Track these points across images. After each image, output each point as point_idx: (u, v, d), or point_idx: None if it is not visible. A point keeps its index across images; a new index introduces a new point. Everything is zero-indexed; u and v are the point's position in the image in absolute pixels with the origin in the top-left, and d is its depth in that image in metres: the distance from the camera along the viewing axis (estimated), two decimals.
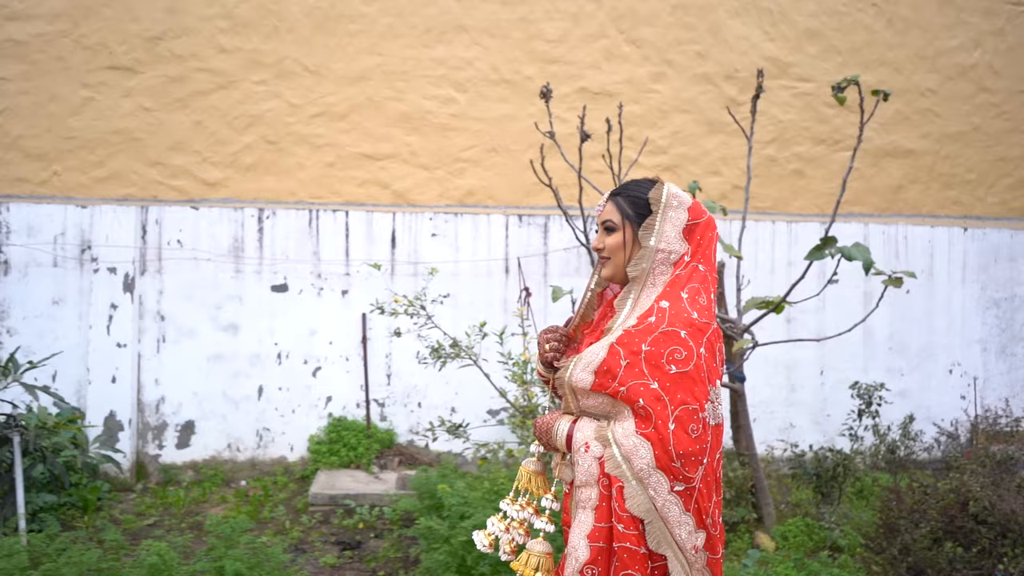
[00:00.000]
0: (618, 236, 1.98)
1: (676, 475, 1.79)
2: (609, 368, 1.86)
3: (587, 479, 1.88)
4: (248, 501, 5.70)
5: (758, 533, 5.04)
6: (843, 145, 7.29)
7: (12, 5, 6.34)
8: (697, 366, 1.84)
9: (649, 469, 1.79)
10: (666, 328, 1.86)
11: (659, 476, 1.79)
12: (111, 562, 3.54)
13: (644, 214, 1.97)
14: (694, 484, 1.81)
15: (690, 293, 1.92)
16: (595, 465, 1.87)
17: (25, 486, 4.49)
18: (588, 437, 1.90)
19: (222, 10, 6.55)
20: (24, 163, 6.36)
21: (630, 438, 1.82)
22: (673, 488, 1.80)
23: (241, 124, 6.58)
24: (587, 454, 1.88)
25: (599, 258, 2.05)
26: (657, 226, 1.94)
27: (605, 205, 2.03)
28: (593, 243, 2.06)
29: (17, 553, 3.58)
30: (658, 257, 1.93)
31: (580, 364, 1.91)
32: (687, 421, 1.80)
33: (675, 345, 1.84)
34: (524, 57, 6.90)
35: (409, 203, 6.74)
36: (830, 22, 7.26)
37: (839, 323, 6.96)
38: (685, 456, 1.79)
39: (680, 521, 1.81)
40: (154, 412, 6.35)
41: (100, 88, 6.45)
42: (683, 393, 1.81)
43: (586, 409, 1.94)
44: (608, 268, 2.01)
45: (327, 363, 6.53)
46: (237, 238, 6.48)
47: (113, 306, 6.27)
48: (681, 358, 1.83)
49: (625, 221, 1.98)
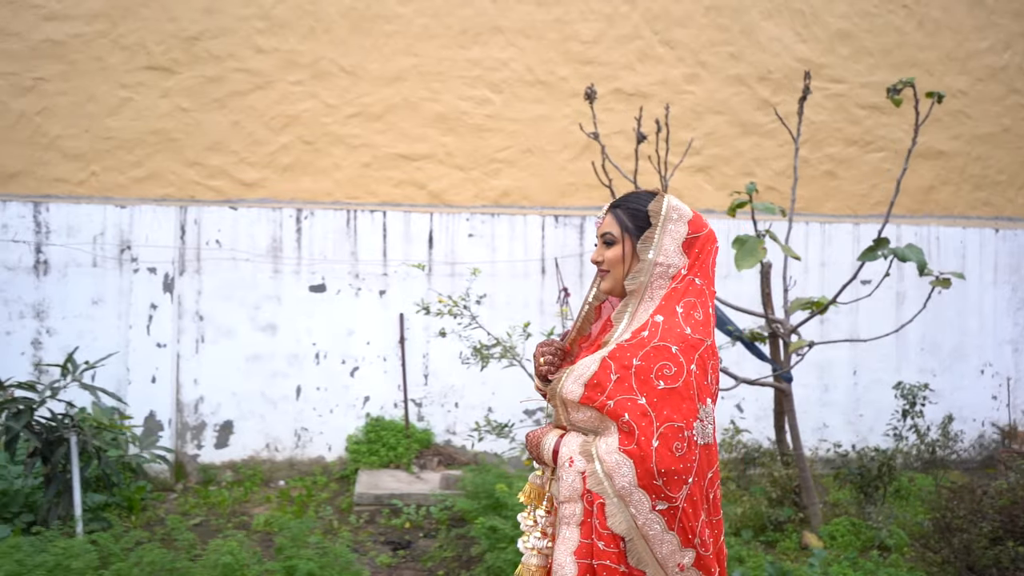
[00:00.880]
0: (617, 249, 1.96)
1: (658, 493, 1.76)
2: (599, 382, 1.84)
3: (571, 494, 1.86)
4: (292, 501, 5.71)
5: (805, 532, 5.07)
6: (874, 146, 7.32)
7: (50, 5, 6.35)
8: (687, 383, 1.80)
9: (631, 487, 1.76)
10: (658, 343, 1.83)
11: (640, 495, 1.76)
12: (184, 561, 3.54)
13: (643, 227, 1.95)
14: (677, 504, 1.77)
15: (685, 307, 1.90)
16: (579, 480, 1.85)
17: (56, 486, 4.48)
18: (573, 452, 1.88)
19: (259, 10, 6.56)
20: (62, 163, 6.37)
21: (612, 455, 1.79)
22: (655, 507, 1.77)
23: (278, 124, 6.59)
24: (571, 468, 1.86)
25: (598, 271, 2.04)
26: (656, 239, 1.92)
27: (604, 217, 2.01)
28: (592, 256, 2.05)
29: (87, 553, 3.59)
30: (656, 271, 1.91)
31: (572, 376, 1.90)
32: (671, 439, 1.77)
33: (665, 360, 1.81)
34: (559, 58, 6.92)
35: (445, 203, 6.76)
36: (862, 24, 7.29)
37: (871, 323, 6.99)
38: (668, 474, 1.75)
39: (662, 539, 1.78)
40: (193, 412, 6.36)
41: (138, 88, 6.46)
42: (669, 410, 1.78)
43: (575, 423, 1.92)
44: (607, 281, 2.00)
45: (365, 363, 6.54)
46: (275, 238, 6.49)
47: (153, 306, 6.28)
48: (671, 374, 1.80)
49: (624, 234, 1.96)
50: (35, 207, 6.25)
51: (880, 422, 7.12)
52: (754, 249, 4.21)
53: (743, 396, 6.91)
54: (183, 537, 3.85)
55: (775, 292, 5.79)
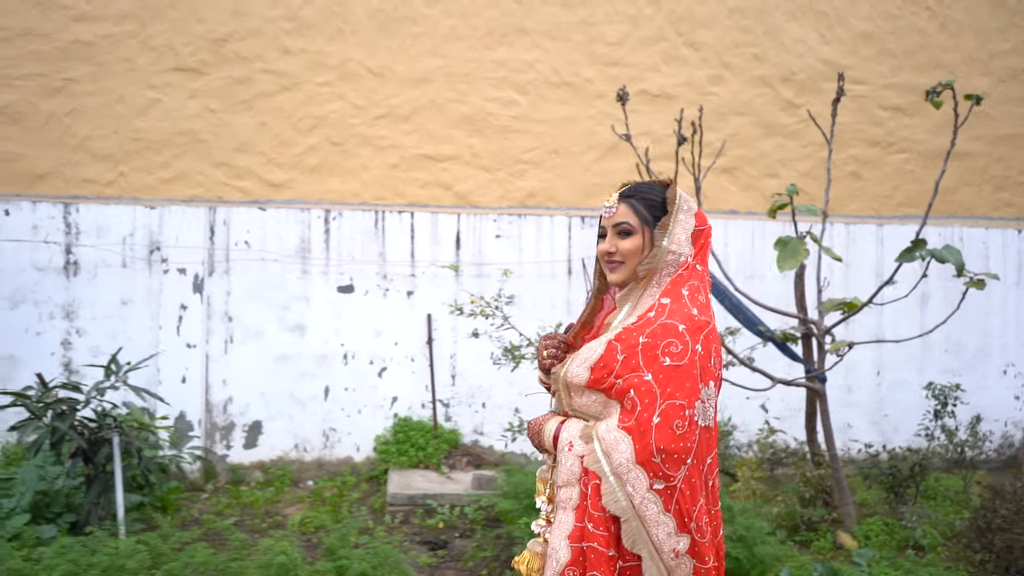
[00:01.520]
0: (636, 239, 1.95)
1: (656, 471, 1.75)
2: (606, 364, 1.85)
3: (569, 478, 1.87)
4: (324, 502, 5.72)
5: (839, 532, 5.09)
6: (897, 148, 7.35)
7: (79, 6, 6.36)
8: (691, 362, 1.80)
9: (628, 464, 1.75)
10: (664, 321, 1.84)
11: (638, 472, 1.75)
12: (237, 561, 3.56)
13: (658, 217, 1.96)
14: (675, 483, 1.76)
15: (690, 290, 1.92)
16: (577, 464, 1.85)
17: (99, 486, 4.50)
18: (573, 436, 1.89)
19: (287, 12, 6.57)
20: (91, 164, 6.38)
21: (611, 432, 1.79)
22: (652, 486, 1.75)
23: (305, 125, 6.61)
24: (570, 453, 1.87)
25: (606, 263, 2.01)
26: (670, 227, 1.93)
27: (618, 208, 1.98)
28: (602, 247, 2.00)
29: (138, 552, 3.61)
30: (668, 258, 1.92)
31: (576, 360, 1.91)
32: (673, 416, 1.76)
33: (671, 338, 1.82)
34: (584, 59, 6.94)
35: (471, 204, 6.78)
36: (885, 25, 7.31)
37: (896, 324, 7.02)
38: (666, 452, 1.75)
39: (658, 521, 1.76)
40: (222, 412, 6.37)
41: (166, 89, 6.47)
42: (673, 387, 1.78)
43: (578, 408, 1.93)
44: (620, 273, 1.97)
45: (392, 364, 6.56)
46: (304, 239, 6.51)
47: (183, 307, 6.30)
48: (677, 351, 1.81)
49: (643, 225, 1.95)
50: (65, 208, 6.27)
51: (904, 422, 7.15)
52: (796, 250, 4.23)
53: (768, 396, 6.92)
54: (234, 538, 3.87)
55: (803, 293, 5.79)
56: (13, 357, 6.17)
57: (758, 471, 5.37)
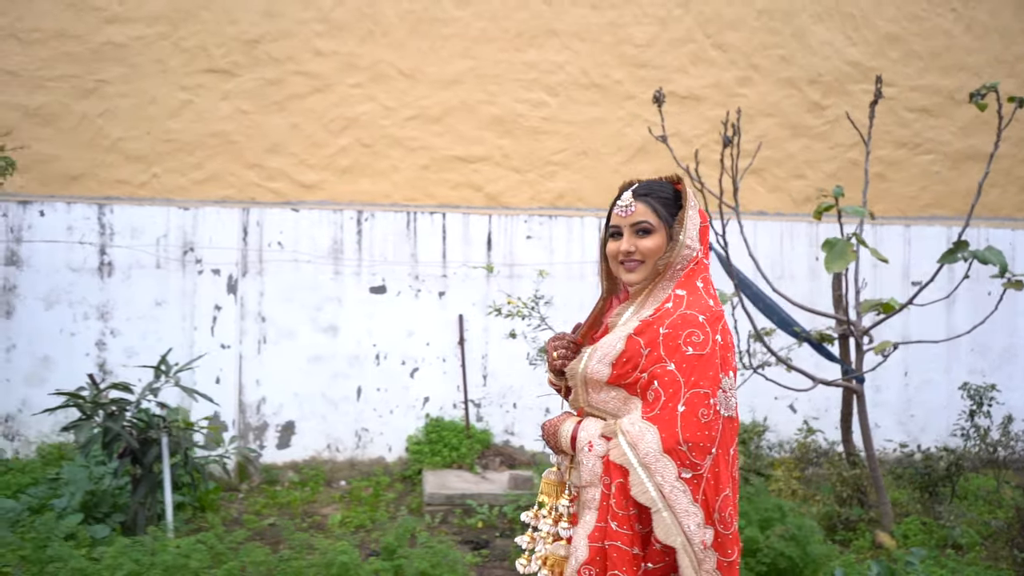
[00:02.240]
0: (657, 238, 1.94)
1: (683, 460, 1.73)
2: (630, 359, 1.84)
3: (591, 479, 1.86)
4: (361, 501, 5.74)
5: (877, 532, 5.11)
6: (923, 149, 7.38)
7: (112, 8, 6.38)
8: (712, 351, 1.81)
9: (656, 454, 1.74)
10: (684, 311, 1.84)
11: (666, 460, 1.74)
12: (295, 561, 3.58)
13: (673, 214, 1.96)
14: (702, 472, 1.74)
15: (704, 282, 1.93)
16: (599, 464, 1.85)
17: (161, 486, 4.52)
18: (592, 436, 1.88)
19: (318, 13, 6.60)
20: (124, 165, 6.40)
21: (636, 424, 1.79)
22: (680, 475, 1.74)
23: (337, 127, 6.63)
24: (591, 453, 1.86)
25: (623, 262, 1.97)
26: (686, 223, 1.93)
27: (636, 207, 1.96)
28: (622, 247, 1.96)
29: (198, 551, 3.63)
30: (684, 253, 1.92)
31: (596, 356, 1.89)
32: (697, 405, 1.76)
33: (693, 328, 1.82)
34: (613, 61, 6.96)
35: (501, 205, 6.80)
36: (910, 27, 7.34)
37: (922, 324, 7.04)
38: (692, 440, 1.74)
39: (688, 511, 1.73)
40: (255, 413, 6.40)
41: (198, 91, 6.50)
42: (697, 376, 1.77)
43: (595, 404, 1.92)
44: (641, 271, 1.95)
45: (424, 364, 6.58)
46: (336, 240, 6.53)
47: (217, 307, 6.32)
48: (699, 341, 1.80)
49: (662, 223, 1.95)
50: (99, 209, 6.29)
51: (931, 422, 7.19)
52: (844, 252, 4.26)
53: (796, 397, 6.95)
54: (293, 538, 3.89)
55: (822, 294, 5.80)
56: (48, 358, 6.18)
57: (795, 470, 5.40)
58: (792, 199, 7.21)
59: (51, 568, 3.40)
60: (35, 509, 4.26)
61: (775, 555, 3.75)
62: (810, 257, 7.16)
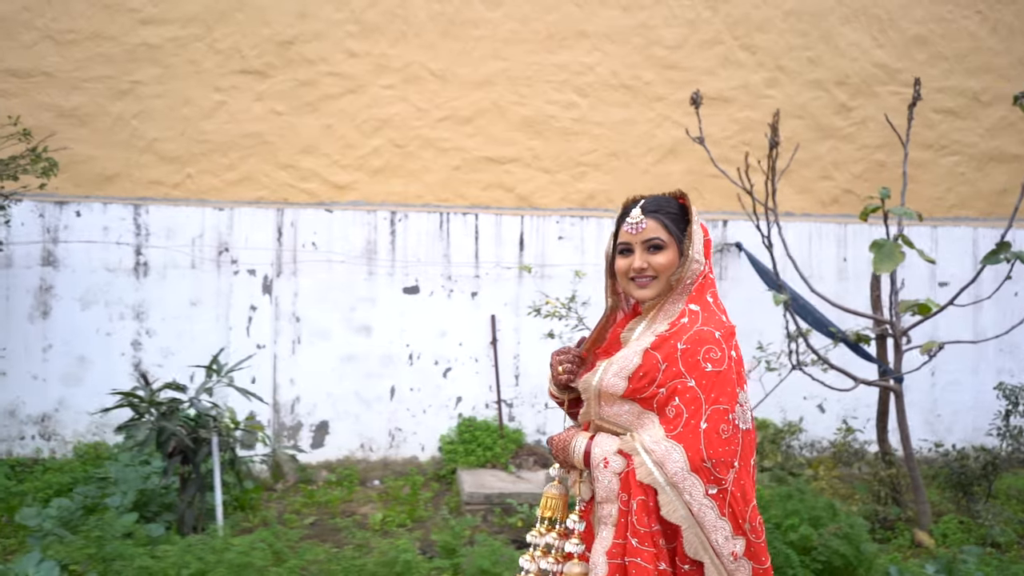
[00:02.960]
0: (669, 254, 1.95)
1: (708, 477, 1.77)
2: (647, 373, 1.86)
3: (608, 495, 1.86)
4: (400, 500, 5.77)
5: (916, 531, 5.15)
6: (948, 151, 7.42)
7: (146, 9, 6.41)
8: (729, 367, 1.84)
9: (684, 473, 1.77)
10: (700, 328, 1.87)
11: (694, 479, 1.77)
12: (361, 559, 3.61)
13: (682, 229, 1.98)
14: (726, 486, 1.78)
15: (713, 297, 1.96)
16: (615, 481, 1.85)
17: (207, 486, 4.54)
18: (607, 452, 1.88)
19: (351, 15, 6.63)
20: (159, 166, 6.43)
21: (661, 443, 1.80)
22: (707, 492, 1.77)
23: (369, 128, 6.66)
24: (607, 470, 1.87)
25: (635, 279, 1.98)
26: (694, 238, 1.96)
27: (647, 223, 1.96)
28: (635, 263, 1.96)
29: (259, 549, 3.66)
30: (693, 267, 1.95)
31: (612, 369, 1.90)
32: (718, 421, 1.79)
33: (710, 344, 1.85)
34: (643, 62, 7.00)
35: (532, 206, 6.84)
36: (937, 29, 7.39)
37: (950, 324, 7.07)
38: (716, 457, 1.77)
39: (716, 526, 1.77)
40: (289, 412, 6.43)
41: (232, 92, 6.52)
42: (717, 392, 1.81)
43: (607, 418, 1.93)
44: (653, 287, 1.96)
45: (457, 364, 6.62)
46: (370, 240, 6.56)
47: (252, 308, 6.35)
48: (716, 357, 1.84)
49: (672, 239, 1.96)
50: (135, 209, 6.31)
51: (957, 423, 7.24)
52: (892, 253, 4.30)
53: (824, 397, 6.99)
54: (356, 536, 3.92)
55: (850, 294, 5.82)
56: (84, 358, 6.21)
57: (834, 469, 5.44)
58: (819, 200, 7.26)
59: (117, 566, 3.43)
60: (90, 508, 4.29)
61: (830, 553, 3.79)
62: (838, 258, 7.20)
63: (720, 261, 7.04)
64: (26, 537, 4.60)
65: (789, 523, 3.93)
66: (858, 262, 7.19)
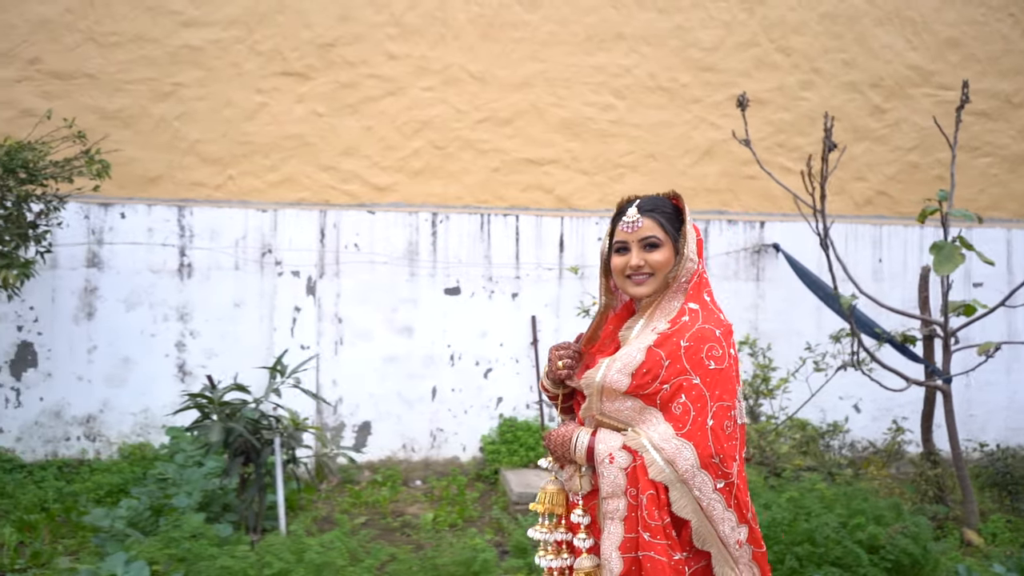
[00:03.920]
0: (665, 251, 1.99)
1: (716, 472, 1.84)
2: (650, 369, 1.89)
3: (614, 490, 1.89)
4: (447, 500, 5.80)
5: (965, 530, 5.19)
6: (981, 152, 7.48)
7: (188, 12, 6.43)
8: (729, 365, 1.90)
9: (694, 470, 1.83)
10: (702, 326, 1.92)
11: (704, 475, 1.83)
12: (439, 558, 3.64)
13: (677, 228, 2.02)
14: (732, 480, 1.85)
15: (710, 296, 2.01)
16: (621, 476, 1.88)
17: (258, 486, 4.56)
18: (612, 448, 1.91)
19: (391, 18, 6.66)
20: (201, 168, 6.45)
21: (670, 441, 1.85)
22: (716, 486, 1.84)
23: (409, 129, 6.69)
24: (612, 465, 1.89)
25: (631, 276, 2.02)
26: (688, 238, 2.00)
27: (643, 222, 2.01)
28: (632, 261, 2.01)
29: (334, 548, 3.69)
30: (688, 266, 1.98)
31: (615, 367, 1.92)
32: (723, 418, 1.86)
33: (712, 342, 1.90)
34: (680, 64, 7.04)
35: (571, 207, 6.87)
36: (969, 31, 7.44)
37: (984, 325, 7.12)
38: (722, 453, 1.84)
39: (723, 518, 1.85)
40: (332, 413, 6.45)
41: (273, 94, 6.55)
42: (721, 390, 1.87)
43: (608, 413, 1.95)
44: (649, 285, 2.00)
45: (498, 364, 6.65)
46: (412, 242, 6.59)
47: (297, 309, 6.37)
48: (718, 355, 1.89)
49: (668, 237, 2.00)
50: (179, 211, 6.34)
51: (991, 423, 7.29)
52: (952, 255, 4.34)
53: (860, 397, 7.04)
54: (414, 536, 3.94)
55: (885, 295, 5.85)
56: (128, 359, 6.23)
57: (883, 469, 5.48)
58: (854, 202, 7.30)
59: (201, 566, 3.46)
60: (156, 509, 4.31)
61: (898, 552, 3.83)
62: (873, 259, 7.24)
63: (757, 262, 7.08)
64: (88, 537, 4.63)
65: (855, 522, 3.96)
66: (893, 263, 7.24)
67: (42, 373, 6.13)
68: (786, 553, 3.77)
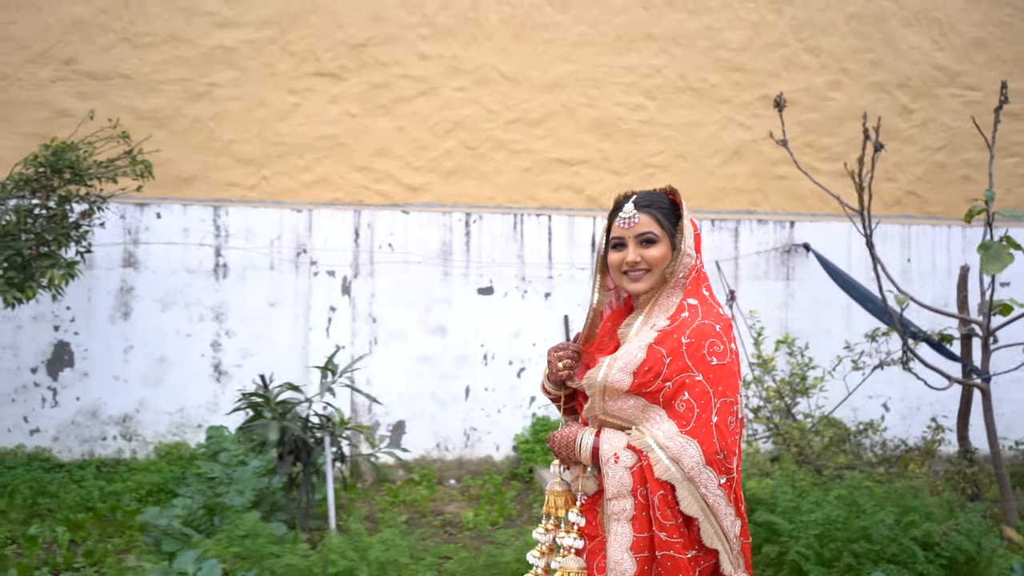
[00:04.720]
0: (662, 247, 1.99)
1: (720, 468, 1.84)
2: (652, 367, 1.88)
3: (620, 490, 1.87)
4: (485, 499, 5.83)
5: (1004, 528, 5.22)
6: (1008, 152, 7.51)
7: (223, 12, 6.45)
8: (731, 360, 1.90)
9: (699, 467, 1.82)
10: (702, 322, 1.91)
11: (709, 472, 1.83)
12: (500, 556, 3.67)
13: (674, 224, 2.02)
14: (733, 475, 1.86)
15: (708, 291, 2.01)
16: (627, 476, 1.86)
17: (295, 485, 4.58)
18: (617, 448, 1.89)
19: (423, 18, 6.68)
20: (235, 168, 6.47)
21: (675, 439, 1.84)
22: (720, 483, 1.84)
23: (442, 130, 6.71)
24: (617, 465, 1.87)
25: (628, 272, 2.01)
26: (684, 232, 2.00)
27: (640, 218, 2.01)
28: (628, 257, 2.00)
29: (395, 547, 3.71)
30: (685, 261, 1.97)
31: (616, 365, 1.91)
32: (726, 414, 1.86)
33: (713, 338, 1.89)
34: (709, 65, 7.07)
35: (601, 207, 6.89)
36: (996, 31, 7.48)
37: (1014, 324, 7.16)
38: (726, 449, 1.84)
39: (726, 513, 1.86)
40: (367, 412, 6.47)
41: (306, 94, 6.57)
42: (723, 386, 1.87)
43: (611, 412, 1.94)
44: (646, 281, 1.99)
45: (531, 364, 6.67)
46: (445, 242, 6.61)
47: (332, 308, 6.39)
48: (720, 351, 1.89)
49: (665, 233, 2.00)
50: (215, 211, 6.35)
51: (1018, 421, 7.31)
52: (999, 254, 4.37)
53: (889, 396, 7.08)
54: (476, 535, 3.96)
55: (915, 295, 5.91)
56: (164, 359, 6.25)
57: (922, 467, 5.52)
58: (883, 202, 7.32)
59: (268, 563, 3.48)
60: (210, 508, 4.33)
61: (953, 549, 3.85)
62: (902, 259, 7.28)
63: (787, 262, 7.11)
64: (135, 536, 4.65)
65: (908, 519, 3.99)
66: (922, 263, 7.28)
67: (78, 373, 6.14)
68: (843, 550, 3.80)
